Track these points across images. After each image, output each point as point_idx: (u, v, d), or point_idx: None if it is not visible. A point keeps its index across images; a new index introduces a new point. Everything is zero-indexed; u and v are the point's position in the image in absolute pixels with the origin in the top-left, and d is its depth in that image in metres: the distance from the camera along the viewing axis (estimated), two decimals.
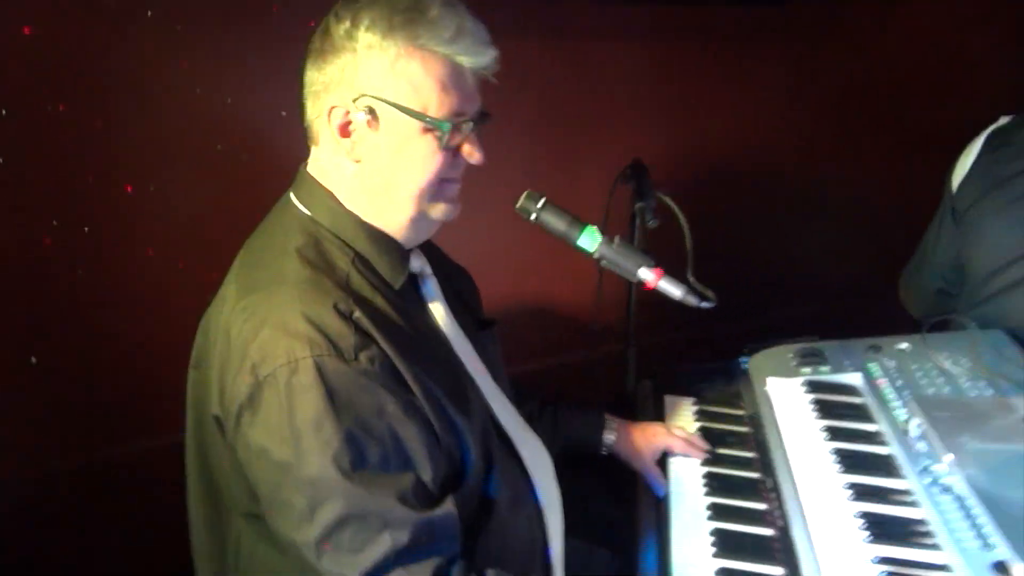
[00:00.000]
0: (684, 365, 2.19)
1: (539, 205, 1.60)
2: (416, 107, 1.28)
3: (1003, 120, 2.08)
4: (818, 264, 3.12)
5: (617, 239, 1.62)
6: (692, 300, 1.57)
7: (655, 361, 2.26)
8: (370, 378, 1.22)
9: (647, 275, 1.59)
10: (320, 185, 1.38)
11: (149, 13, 1.87)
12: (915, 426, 1.48)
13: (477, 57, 1.29)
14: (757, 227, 3.09)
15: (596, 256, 1.61)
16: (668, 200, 1.87)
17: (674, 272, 1.67)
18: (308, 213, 1.38)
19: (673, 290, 1.58)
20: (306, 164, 1.42)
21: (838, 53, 2.98)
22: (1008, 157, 1.97)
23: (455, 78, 1.29)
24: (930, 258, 2.20)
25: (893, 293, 2.39)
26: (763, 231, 3.09)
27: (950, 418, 1.42)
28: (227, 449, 1.29)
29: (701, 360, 2.17)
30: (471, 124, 1.33)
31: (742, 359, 2.04)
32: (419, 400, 1.27)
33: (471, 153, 1.36)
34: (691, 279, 1.66)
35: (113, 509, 2.11)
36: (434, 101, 1.28)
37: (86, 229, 1.92)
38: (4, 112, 1.76)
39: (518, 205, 1.61)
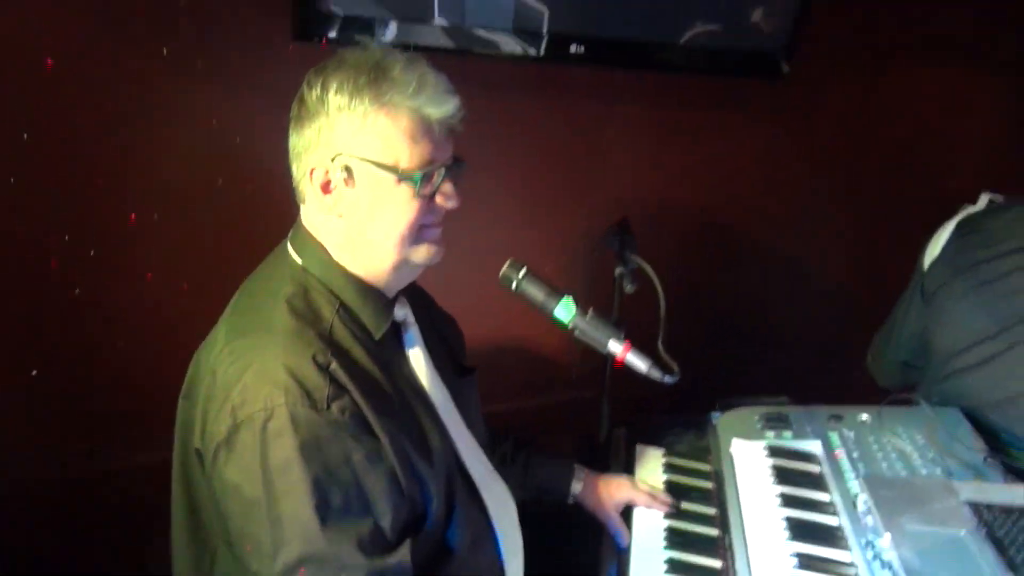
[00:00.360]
0: (657, 417, 2.27)
1: (520, 275, 1.69)
2: (388, 161, 1.37)
3: (973, 208, 2.19)
4: (794, 324, 3.22)
5: (591, 312, 1.71)
6: (656, 374, 1.66)
7: (630, 409, 2.34)
8: (339, 428, 1.31)
9: (616, 348, 1.68)
10: (312, 237, 1.48)
11: (165, 51, 1.96)
12: (862, 501, 1.56)
13: (441, 107, 1.38)
14: (740, 286, 3.18)
15: (570, 327, 1.70)
16: (646, 267, 1.96)
17: (649, 335, 1.76)
18: (300, 263, 1.48)
19: (639, 364, 1.67)
20: (302, 216, 1.52)
21: (824, 126, 3.08)
22: (976, 244, 2.07)
23: (423, 129, 1.38)
24: (898, 331, 2.29)
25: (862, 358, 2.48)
26: (747, 290, 3.19)
27: (895, 497, 1.50)
28: (205, 480, 1.39)
29: (674, 412, 2.25)
30: (443, 171, 1.43)
31: (713, 414, 2.12)
32: (385, 449, 1.36)
33: (445, 200, 1.46)
34: (660, 347, 1.75)
35: (106, 520, 2.18)
36: (405, 153, 1.38)
37: (92, 252, 2.00)
38: (25, 137, 1.85)
39: (501, 273, 1.70)
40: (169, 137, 2.06)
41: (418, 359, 1.58)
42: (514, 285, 1.69)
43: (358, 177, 1.39)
